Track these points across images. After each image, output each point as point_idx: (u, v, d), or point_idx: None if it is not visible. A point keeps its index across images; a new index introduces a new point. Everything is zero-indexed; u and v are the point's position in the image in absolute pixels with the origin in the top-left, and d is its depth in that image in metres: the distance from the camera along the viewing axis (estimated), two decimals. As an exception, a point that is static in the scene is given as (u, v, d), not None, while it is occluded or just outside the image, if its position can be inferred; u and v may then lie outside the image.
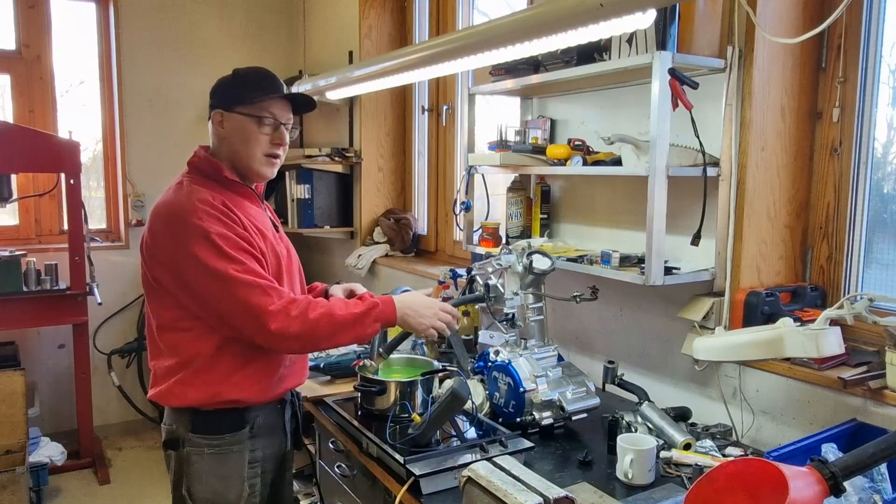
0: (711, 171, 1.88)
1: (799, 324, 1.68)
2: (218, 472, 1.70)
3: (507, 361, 1.93)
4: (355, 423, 1.90)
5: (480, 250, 2.57)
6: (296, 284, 1.85)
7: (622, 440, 1.65)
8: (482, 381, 2.04)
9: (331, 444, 2.12)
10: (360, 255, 3.76)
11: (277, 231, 1.84)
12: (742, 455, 1.70)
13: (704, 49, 1.87)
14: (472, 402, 1.82)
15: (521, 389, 1.87)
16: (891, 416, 1.59)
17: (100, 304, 3.70)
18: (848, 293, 1.88)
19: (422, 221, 3.83)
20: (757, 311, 1.84)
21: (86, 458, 3.84)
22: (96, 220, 4.36)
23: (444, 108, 3.55)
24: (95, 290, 3.70)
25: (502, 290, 2.02)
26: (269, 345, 1.64)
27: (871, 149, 1.84)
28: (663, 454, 1.70)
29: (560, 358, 2.04)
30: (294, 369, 1.84)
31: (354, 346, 2.70)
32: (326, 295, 2.01)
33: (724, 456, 1.70)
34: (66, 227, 3.74)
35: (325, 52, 4.25)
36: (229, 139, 1.74)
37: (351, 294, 1.95)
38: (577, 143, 2.22)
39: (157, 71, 4.27)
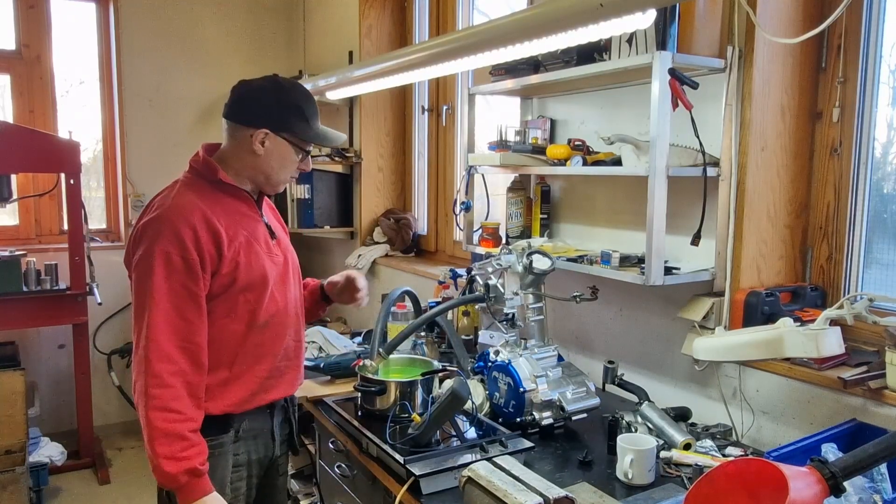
0: (711, 171, 1.88)
1: (799, 324, 1.68)
2: None
3: (507, 361, 1.93)
4: (355, 423, 1.90)
5: (480, 250, 2.57)
6: (290, 292, 1.82)
7: (622, 440, 1.65)
8: (482, 381, 2.04)
9: (331, 444, 2.12)
10: (360, 255, 3.76)
11: (274, 237, 1.80)
12: (742, 455, 1.70)
13: (704, 49, 1.87)
14: (472, 402, 1.82)
15: (521, 389, 1.87)
16: (891, 416, 1.59)
17: (100, 304, 3.71)
18: (848, 293, 1.88)
19: (422, 221, 3.83)
20: (757, 311, 1.84)
21: (86, 458, 3.84)
22: (96, 220, 4.36)
23: (444, 108, 3.55)
24: (95, 290, 3.70)
25: (502, 290, 2.02)
26: None
27: (871, 149, 1.84)
28: (663, 454, 1.70)
29: (560, 358, 2.04)
30: (284, 380, 1.81)
31: (354, 346, 2.71)
32: (322, 291, 2.02)
33: (724, 456, 1.70)
34: (66, 227, 3.74)
35: (325, 51, 4.25)
36: (265, 159, 1.71)
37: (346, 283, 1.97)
38: (577, 143, 2.22)
39: (157, 71, 4.28)
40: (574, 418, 1.92)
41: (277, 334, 1.76)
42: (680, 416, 1.93)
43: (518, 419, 1.88)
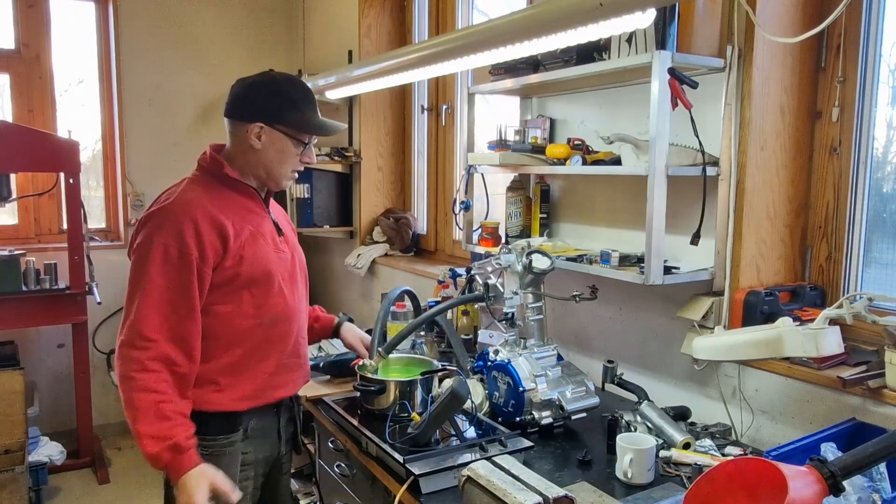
0: (711, 171, 1.88)
1: (798, 323, 1.68)
2: None
3: (506, 361, 1.93)
4: (355, 422, 1.90)
5: (480, 250, 2.57)
6: (298, 290, 1.83)
7: (622, 439, 1.65)
8: (482, 380, 2.04)
9: (330, 444, 2.12)
10: (359, 255, 3.76)
11: (281, 235, 1.81)
12: (741, 454, 1.70)
13: (704, 49, 1.87)
14: (472, 402, 1.82)
15: (521, 389, 1.87)
16: (890, 415, 1.59)
17: (99, 303, 3.71)
18: (847, 293, 1.88)
19: (421, 221, 3.83)
20: (756, 310, 1.84)
21: (85, 457, 3.84)
22: (96, 219, 4.36)
23: (444, 107, 3.55)
24: (95, 289, 3.70)
25: (502, 290, 2.02)
26: None
27: (870, 148, 1.84)
28: (663, 453, 1.70)
29: (559, 357, 2.04)
30: (292, 377, 1.82)
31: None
32: (338, 331, 2.06)
33: (723, 455, 1.70)
34: (65, 226, 3.74)
35: (325, 51, 4.25)
36: (264, 152, 1.72)
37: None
38: (576, 142, 2.22)
39: (157, 70, 4.27)
40: (573, 418, 1.92)
41: (285, 330, 1.77)
42: (679, 415, 1.93)
43: (517, 419, 1.88)
